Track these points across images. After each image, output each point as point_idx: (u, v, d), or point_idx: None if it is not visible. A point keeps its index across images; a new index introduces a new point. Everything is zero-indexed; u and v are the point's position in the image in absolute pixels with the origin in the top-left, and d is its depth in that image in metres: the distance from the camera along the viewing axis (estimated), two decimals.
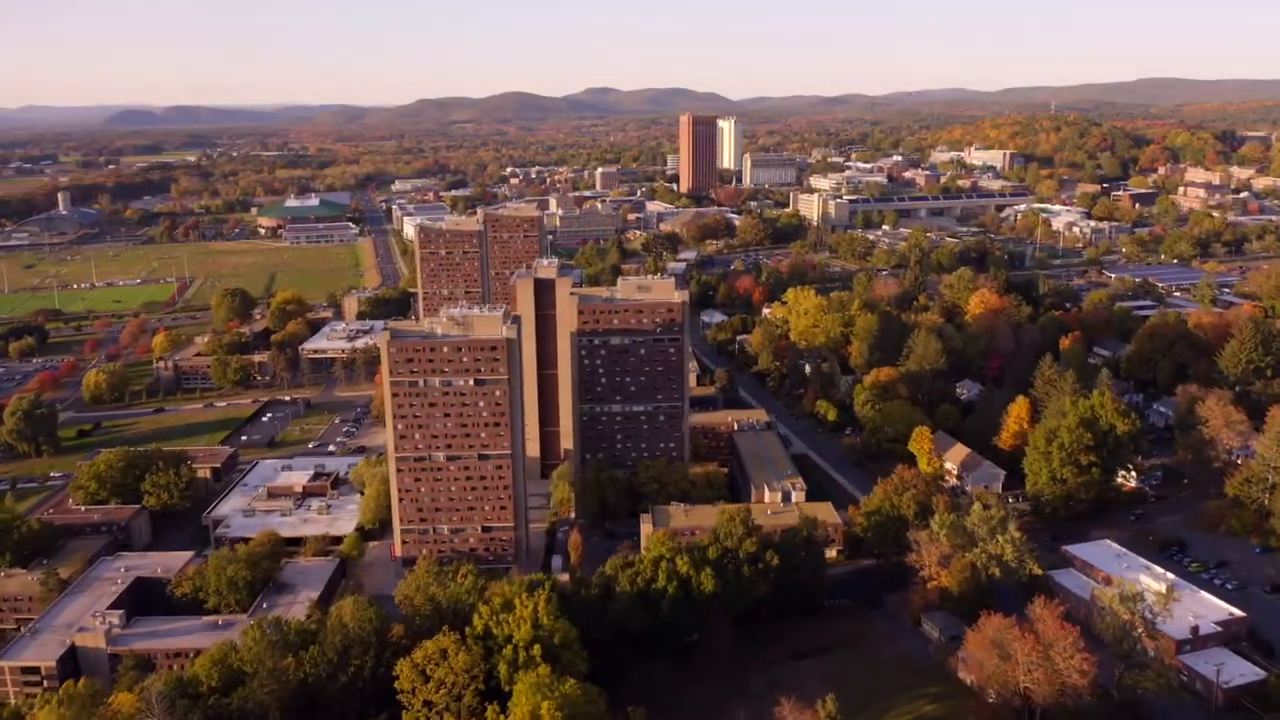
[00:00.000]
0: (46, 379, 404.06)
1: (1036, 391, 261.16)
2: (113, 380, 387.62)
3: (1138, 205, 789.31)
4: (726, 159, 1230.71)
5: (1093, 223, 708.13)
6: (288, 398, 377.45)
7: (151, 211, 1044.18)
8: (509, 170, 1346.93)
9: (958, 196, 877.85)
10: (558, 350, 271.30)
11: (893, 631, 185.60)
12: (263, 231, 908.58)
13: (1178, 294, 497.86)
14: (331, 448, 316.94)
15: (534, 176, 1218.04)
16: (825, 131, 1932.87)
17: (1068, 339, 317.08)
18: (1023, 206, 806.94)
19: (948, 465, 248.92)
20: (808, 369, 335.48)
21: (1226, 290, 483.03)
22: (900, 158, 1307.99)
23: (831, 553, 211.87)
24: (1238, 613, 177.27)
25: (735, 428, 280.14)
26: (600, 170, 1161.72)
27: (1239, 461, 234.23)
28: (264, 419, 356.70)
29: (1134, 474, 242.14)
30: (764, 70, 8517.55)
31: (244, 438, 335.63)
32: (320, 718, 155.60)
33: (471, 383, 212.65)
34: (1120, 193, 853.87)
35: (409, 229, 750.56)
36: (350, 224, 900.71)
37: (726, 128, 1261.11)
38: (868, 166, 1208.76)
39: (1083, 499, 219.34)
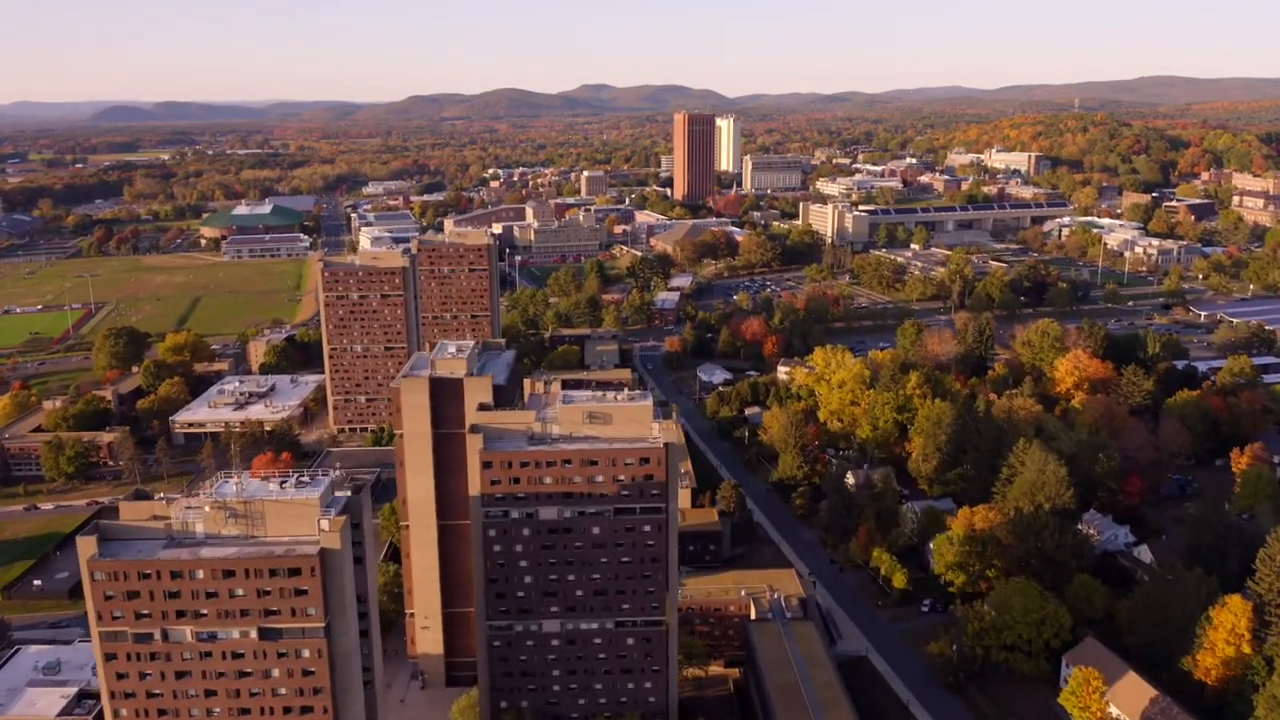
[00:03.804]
0: None
1: (1258, 587, 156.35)
2: None
3: (1195, 218, 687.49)
4: (725, 160, 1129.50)
5: (1155, 241, 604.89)
6: None
7: (92, 218, 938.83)
8: (490, 171, 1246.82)
9: (988, 206, 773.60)
10: (468, 489, 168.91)
11: None
12: (204, 243, 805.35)
13: None
14: None
15: (516, 180, 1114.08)
16: (826, 130, 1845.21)
17: (1243, 456, 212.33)
18: (1067, 219, 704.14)
19: (1117, 717, 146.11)
20: (850, 480, 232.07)
21: None
22: (913, 159, 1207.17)
23: None
24: None
25: (752, 610, 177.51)
26: (586, 174, 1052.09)
27: None
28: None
29: None
30: (761, 68, 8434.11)
31: (36, 582, 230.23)
32: None
33: (254, 635, 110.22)
34: (1174, 203, 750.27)
35: (365, 241, 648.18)
36: (302, 235, 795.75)
37: (725, 127, 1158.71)
38: (878, 169, 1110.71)
39: None
